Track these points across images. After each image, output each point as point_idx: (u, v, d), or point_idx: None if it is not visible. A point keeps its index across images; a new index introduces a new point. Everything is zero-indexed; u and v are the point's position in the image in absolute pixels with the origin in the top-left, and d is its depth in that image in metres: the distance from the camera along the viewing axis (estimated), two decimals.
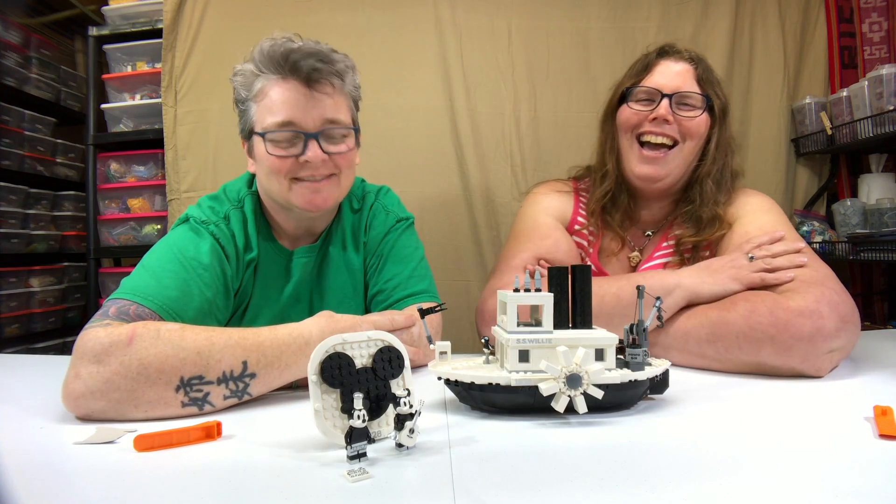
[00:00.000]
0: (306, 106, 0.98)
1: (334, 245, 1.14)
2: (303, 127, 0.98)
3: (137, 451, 0.64)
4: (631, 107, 1.17)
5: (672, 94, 1.13)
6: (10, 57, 2.02)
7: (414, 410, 0.61)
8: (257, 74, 0.99)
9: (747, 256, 1.01)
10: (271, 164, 0.99)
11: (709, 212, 1.14)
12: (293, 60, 0.96)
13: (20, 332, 2.04)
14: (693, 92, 1.13)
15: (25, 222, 2.07)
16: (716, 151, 1.16)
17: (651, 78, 1.16)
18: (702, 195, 1.16)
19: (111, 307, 0.85)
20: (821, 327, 0.87)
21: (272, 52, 0.97)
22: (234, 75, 1.03)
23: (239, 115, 1.05)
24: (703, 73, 1.15)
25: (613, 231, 1.23)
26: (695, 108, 1.14)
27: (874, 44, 1.89)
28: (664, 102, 1.12)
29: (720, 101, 1.16)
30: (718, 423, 0.72)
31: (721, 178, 1.17)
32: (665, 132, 1.13)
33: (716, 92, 1.16)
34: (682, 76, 1.14)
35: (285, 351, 0.82)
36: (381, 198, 1.19)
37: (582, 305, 0.76)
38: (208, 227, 1.01)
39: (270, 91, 0.98)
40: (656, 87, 1.14)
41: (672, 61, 1.16)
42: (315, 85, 0.98)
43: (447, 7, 1.83)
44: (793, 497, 0.51)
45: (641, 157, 1.15)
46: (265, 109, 0.99)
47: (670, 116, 1.12)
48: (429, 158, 1.84)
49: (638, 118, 1.15)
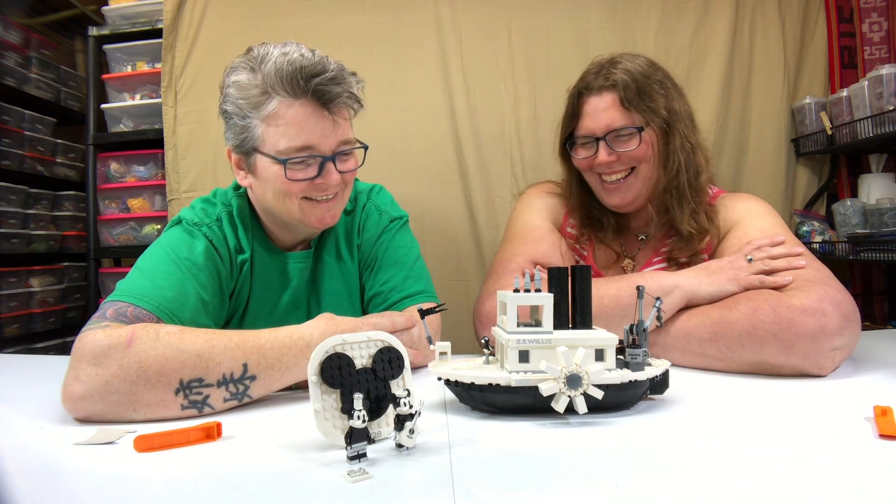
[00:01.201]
0: (325, 131, 0.95)
1: (328, 250, 1.13)
2: (320, 151, 0.96)
3: (137, 451, 0.64)
4: (577, 155, 1.19)
5: (604, 135, 1.13)
6: (10, 57, 2.02)
7: (414, 411, 0.61)
8: (268, 93, 0.93)
9: (746, 258, 1.01)
10: (287, 188, 0.97)
11: (686, 227, 1.15)
12: (314, 84, 0.92)
13: (20, 332, 2.04)
14: (622, 127, 1.12)
15: (25, 222, 2.07)
16: (661, 170, 1.15)
17: (582, 123, 1.16)
18: (671, 210, 1.17)
19: (108, 309, 0.84)
20: (824, 325, 0.87)
21: (289, 71, 0.91)
22: (228, 86, 0.97)
23: (231, 126, 0.99)
24: (629, 93, 1.11)
25: (606, 244, 1.25)
26: (629, 139, 1.13)
27: (874, 44, 1.89)
28: (602, 147, 1.14)
29: (657, 115, 1.12)
30: (718, 424, 0.72)
31: (679, 187, 1.15)
32: (615, 171, 1.15)
33: (650, 107, 1.12)
34: (608, 111, 1.12)
35: (286, 353, 0.82)
36: (373, 197, 1.17)
37: (582, 306, 0.76)
38: (201, 229, 1.01)
39: (286, 114, 0.93)
40: (589, 132, 1.15)
41: (595, 97, 1.14)
42: (333, 108, 0.96)
43: (447, 7, 1.83)
44: (793, 497, 0.51)
45: (607, 191, 1.19)
46: (279, 132, 0.94)
47: (612, 157, 1.13)
48: (429, 158, 1.83)
49: (588, 163, 1.18)
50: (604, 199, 1.21)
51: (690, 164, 1.15)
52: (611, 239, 1.25)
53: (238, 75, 0.96)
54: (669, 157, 1.14)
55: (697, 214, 1.15)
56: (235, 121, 0.97)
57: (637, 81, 1.12)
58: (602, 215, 1.25)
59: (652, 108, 1.12)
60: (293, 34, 1.80)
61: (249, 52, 0.97)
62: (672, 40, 1.85)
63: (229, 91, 0.97)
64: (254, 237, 1.07)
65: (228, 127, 1.00)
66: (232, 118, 0.98)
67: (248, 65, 0.95)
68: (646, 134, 1.13)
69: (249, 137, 0.97)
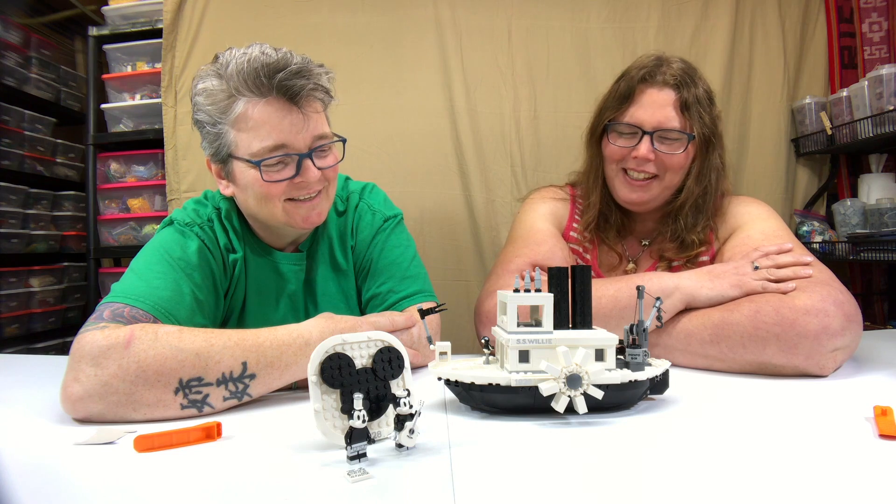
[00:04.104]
0: (296, 126, 0.93)
1: (321, 252, 1.11)
2: (295, 148, 0.93)
3: (137, 451, 0.64)
4: (614, 142, 1.16)
5: (653, 131, 1.11)
6: (10, 57, 2.02)
7: (414, 411, 0.61)
8: (234, 96, 0.91)
9: (752, 265, 1.01)
10: (266, 190, 0.95)
11: (689, 237, 1.16)
12: (279, 80, 0.90)
13: (20, 332, 2.04)
14: (674, 129, 1.11)
15: (25, 222, 2.07)
16: (694, 183, 1.15)
17: (633, 111, 1.13)
18: (683, 221, 1.17)
19: (105, 310, 0.84)
20: (827, 325, 0.87)
21: (250, 70, 0.89)
22: (196, 94, 0.95)
23: (205, 136, 0.97)
24: (689, 96, 1.11)
25: (609, 246, 1.25)
26: (676, 143, 1.12)
27: (874, 44, 1.89)
28: (645, 141, 1.11)
29: (706, 127, 1.12)
30: (718, 424, 0.72)
31: (702, 203, 1.16)
32: (645, 169, 1.14)
33: (701, 118, 1.12)
34: (665, 108, 1.11)
35: (285, 351, 0.82)
36: (365, 197, 1.15)
37: (582, 306, 0.76)
38: (193, 229, 1.00)
39: (253, 114, 0.91)
40: (638, 123, 1.12)
41: (655, 89, 1.12)
42: (301, 102, 0.93)
43: (447, 7, 1.83)
44: (793, 497, 0.50)
45: (627, 184, 1.17)
46: (250, 134, 0.92)
47: (651, 155, 1.12)
48: (429, 159, 1.84)
49: (621, 154, 1.16)
50: (620, 194, 1.18)
51: (720, 184, 1.17)
52: (613, 240, 1.24)
53: (205, 83, 0.94)
54: (703, 172, 1.14)
55: (706, 228, 1.17)
56: (208, 129, 0.95)
57: (697, 91, 1.12)
58: (610, 212, 1.23)
59: (703, 121, 1.12)
60: (293, 34, 1.82)
61: (216, 60, 0.95)
62: (672, 40, 1.85)
63: (198, 100, 0.95)
64: (244, 238, 1.06)
65: (203, 137, 0.98)
66: (204, 127, 0.96)
67: (214, 71, 0.93)
68: (692, 144, 1.13)
69: (223, 144, 0.95)
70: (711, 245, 1.18)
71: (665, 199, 1.19)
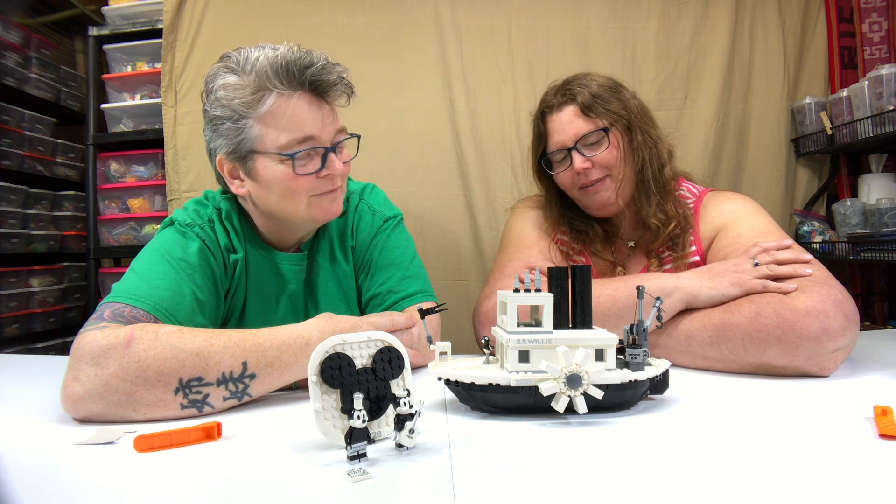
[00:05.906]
0: (325, 119, 0.96)
1: (322, 252, 1.12)
2: (321, 141, 0.96)
3: (137, 451, 0.64)
4: (556, 171, 1.22)
5: (574, 144, 1.16)
6: (10, 57, 2.02)
7: (414, 411, 0.61)
8: (264, 90, 0.92)
9: (752, 262, 1.00)
10: (294, 185, 0.95)
11: (653, 220, 1.18)
12: (310, 74, 0.92)
13: (20, 332, 2.04)
14: (589, 132, 1.16)
15: (25, 222, 2.07)
16: (624, 166, 1.18)
17: (551, 140, 1.21)
18: (637, 205, 1.21)
19: (105, 310, 0.84)
20: (828, 327, 0.87)
21: (282, 64, 0.91)
22: (217, 90, 0.94)
23: (222, 133, 0.95)
24: (585, 99, 1.16)
25: (598, 256, 1.27)
26: (599, 143, 1.17)
27: (874, 44, 1.89)
28: (575, 155, 1.17)
29: (615, 115, 1.16)
30: (718, 424, 0.72)
31: (646, 184, 1.18)
32: (592, 178, 1.18)
33: (606, 109, 1.16)
34: (573, 121, 1.17)
35: (285, 351, 0.82)
36: (365, 197, 1.16)
37: (582, 306, 0.76)
38: (193, 229, 1.00)
39: (285, 107, 0.92)
40: (560, 146, 1.19)
41: (556, 113, 1.19)
42: (329, 97, 0.97)
43: (447, 7, 1.83)
44: (793, 497, 0.50)
45: (587, 195, 1.21)
46: (279, 128, 0.92)
47: (587, 163, 1.17)
48: (429, 159, 1.84)
49: (569, 177, 1.20)
50: (587, 206, 1.24)
51: (654, 158, 1.19)
52: (601, 249, 1.27)
53: (224, 78, 0.94)
54: (634, 152, 1.18)
55: (663, 205, 1.19)
56: (228, 125, 0.94)
57: (591, 90, 1.18)
58: (588, 227, 1.27)
59: (610, 109, 1.17)
60: (293, 34, 1.82)
61: (227, 58, 0.95)
62: (672, 40, 1.85)
63: (219, 94, 0.94)
64: (245, 238, 1.07)
65: (219, 134, 0.96)
66: (224, 123, 0.94)
67: (230, 68, 0.94)
68: (612, 134, 1.17)
69: (246, 140, 0.94)
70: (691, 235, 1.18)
71: (627, 194, 1.21)
